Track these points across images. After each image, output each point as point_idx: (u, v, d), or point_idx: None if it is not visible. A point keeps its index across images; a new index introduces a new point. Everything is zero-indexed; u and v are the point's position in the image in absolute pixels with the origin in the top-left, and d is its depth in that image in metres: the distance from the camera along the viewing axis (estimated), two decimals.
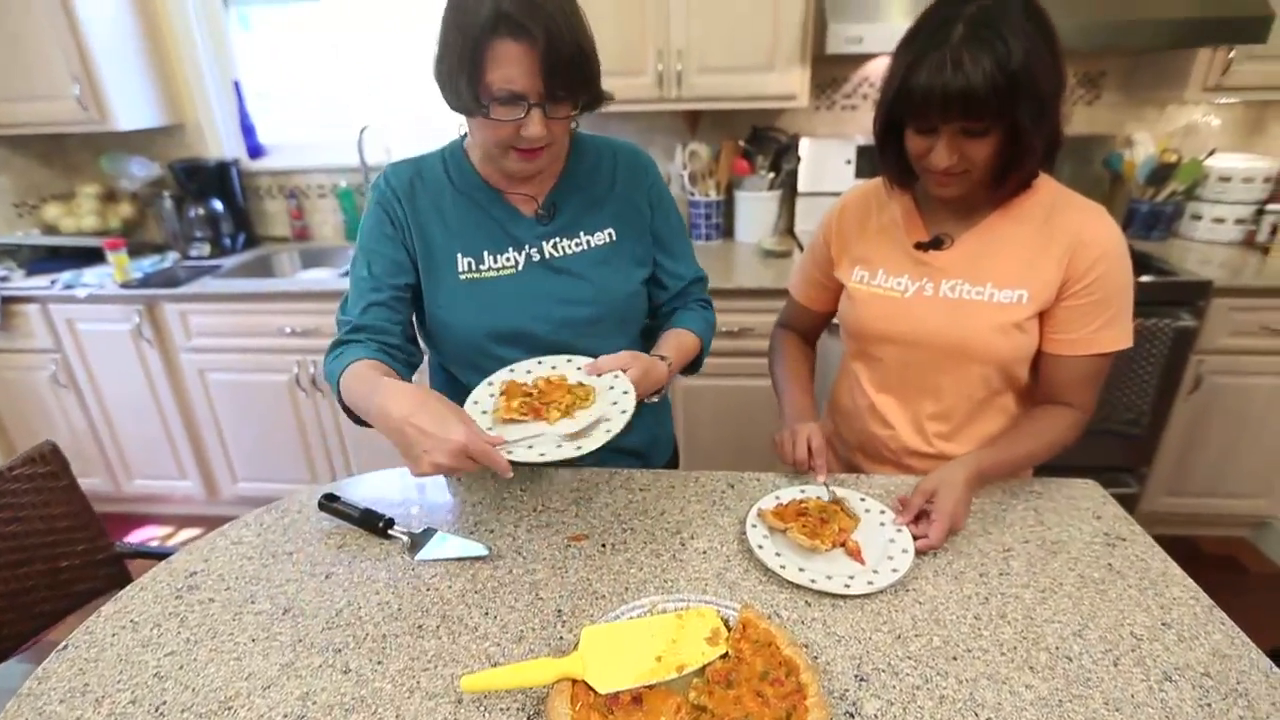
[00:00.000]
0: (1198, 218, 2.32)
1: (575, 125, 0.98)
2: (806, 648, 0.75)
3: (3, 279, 2.35)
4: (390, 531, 0.94)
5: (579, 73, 0.86)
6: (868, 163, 2.43)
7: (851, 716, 0.66)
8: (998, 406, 1.06)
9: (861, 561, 0.86)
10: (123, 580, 1.31)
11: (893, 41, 0.90)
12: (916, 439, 1.10)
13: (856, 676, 0.71)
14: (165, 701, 0.70)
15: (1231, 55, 2.03)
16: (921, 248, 1.03)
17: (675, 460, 1.33)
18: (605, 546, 0.92)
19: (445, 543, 0.93)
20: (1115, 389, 2.03)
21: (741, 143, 2.47)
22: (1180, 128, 2.41)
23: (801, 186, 2.49)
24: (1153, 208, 2.31)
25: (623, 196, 1.08)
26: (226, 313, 2.26)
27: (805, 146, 2.44)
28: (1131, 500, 2.19)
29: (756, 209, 2.49)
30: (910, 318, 1.03)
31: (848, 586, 0.82)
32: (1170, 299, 1.96)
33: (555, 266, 1.04)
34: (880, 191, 1.09)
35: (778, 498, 0.98)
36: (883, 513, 0.94)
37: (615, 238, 1.07)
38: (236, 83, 2.66)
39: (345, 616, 0.81)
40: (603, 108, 0.94)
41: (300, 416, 2.40)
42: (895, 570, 0.83)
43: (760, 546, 0.88)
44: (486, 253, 1.01)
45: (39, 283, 2.30)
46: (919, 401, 1.08)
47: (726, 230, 2.59)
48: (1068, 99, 1.60)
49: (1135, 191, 2.34)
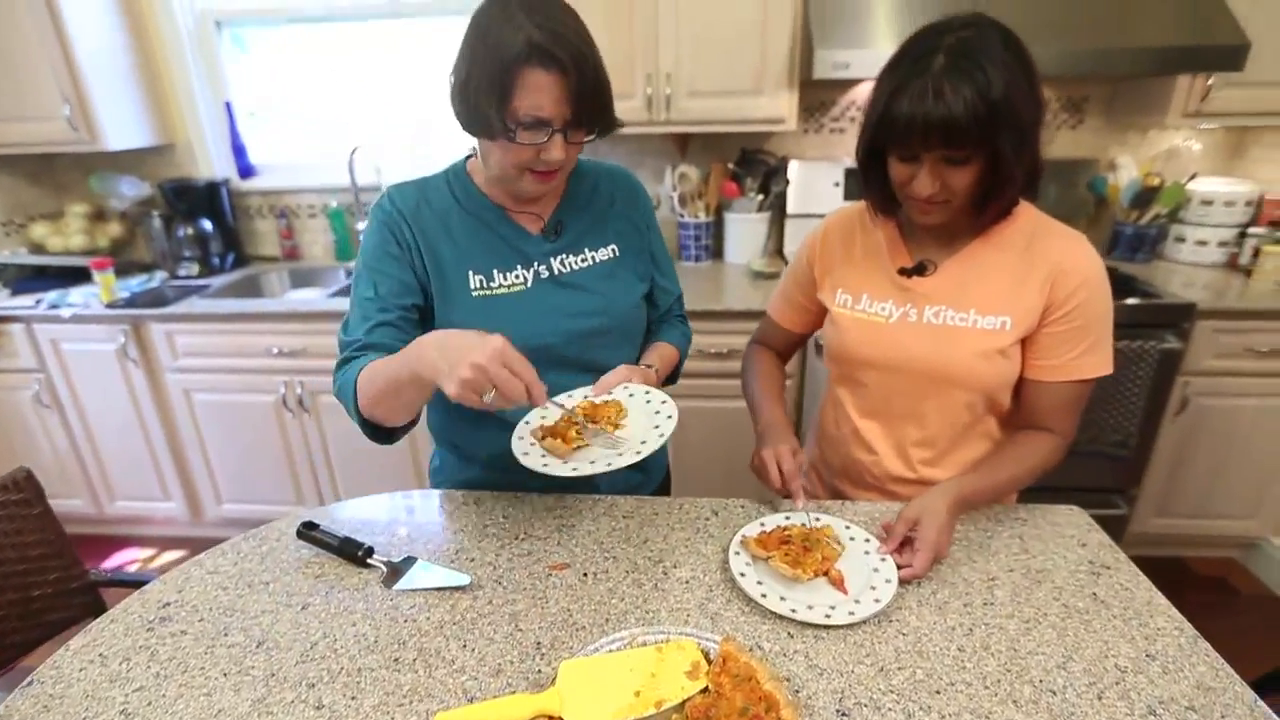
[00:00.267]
0: (1181, 240, 2.35)
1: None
2: (788, 681, 0.73)
3: None
4: (369, 560, 0.93)
5: (600, 100, 0.91)
6: (856, 185, 2.43)
7: None
8: (981, 432, 1.06)
9: (844, 591, 0.85)
10: (97, 609, 1.29)
11: (878, 67, 0.91)
12: (900, 465, 1.09)
13: (839, 711, 0.70)
14: None
15: (1210, 82, 2.06)
16: (905, 273, 1.03)
17: (668, 479, 1.34)
18: (587, 575, 0.91)
19: (426, 571, 0.92)
20: (1103, 411, 2.03)
21: (731, 165, 2.49)
22: (1162, 152, 2.45)
23: (790, 208, 2.51)
24: (1137, 230, 2.34)
25: (623, 215, 1.12)
26: (214, 333, 2.24)
27: (794, 169, 2.46)
28: (1121, 521, 2.18)
29: (745, 231, 2.50)
30: (894, 343, 1.03)
31: (828, 617, 0.81)
32: (1155, 321, 1.98)
33: (563, 282, 1.06)
34: (864, 216, 1.10)
35: (762, 524, 0.97)
36: (867, 540, 0.94)
37: (618, 253, 1.11)
38: (228, 103, 2.67)
39: (320, 649, 0.80)
40: (614, 132, 0.97)
41: (287, 438, 2.38)
42: (877, 601, 0.83)
43: (742, 575, 0.87)
44: (496, 270, 1.03)
45: (24, 302, 2.28)
46: (903, 427, 1.08)
47: (716, 252, 2.60)
48: (1048, 126, 1.62)
49: (1120, 214, 2.37)
